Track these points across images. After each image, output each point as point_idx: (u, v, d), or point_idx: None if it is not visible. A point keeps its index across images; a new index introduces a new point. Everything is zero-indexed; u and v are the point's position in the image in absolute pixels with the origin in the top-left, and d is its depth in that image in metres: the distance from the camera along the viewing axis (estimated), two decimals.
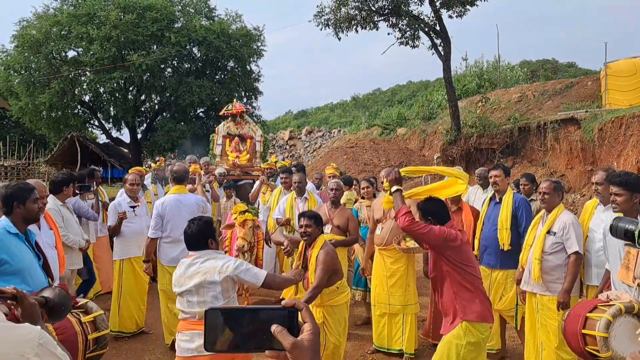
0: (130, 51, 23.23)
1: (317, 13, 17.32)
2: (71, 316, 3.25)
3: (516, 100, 20.02)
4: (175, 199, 6.11)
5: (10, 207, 3.73)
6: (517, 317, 5.58)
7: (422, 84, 52.58)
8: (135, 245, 6.47)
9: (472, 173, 16.33)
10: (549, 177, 5.35)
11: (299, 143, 31.37)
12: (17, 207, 3.72)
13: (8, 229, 3.62)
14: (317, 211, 6.48)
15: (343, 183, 8.41)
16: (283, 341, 1.14)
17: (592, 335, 3.28)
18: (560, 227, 4.81)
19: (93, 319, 3.29)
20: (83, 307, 3.36)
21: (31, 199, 3.78)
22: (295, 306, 1.19)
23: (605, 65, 15.23)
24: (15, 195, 3.76)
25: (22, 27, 23.71)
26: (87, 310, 3.36)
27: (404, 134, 23.87)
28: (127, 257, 6.40)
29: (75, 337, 3.16)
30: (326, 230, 6.30)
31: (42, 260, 3.73)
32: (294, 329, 1.18)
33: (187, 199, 6.23)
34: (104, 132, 26.90)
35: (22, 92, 23.39)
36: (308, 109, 66.51)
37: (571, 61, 47.35)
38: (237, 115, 11.46)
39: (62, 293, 2.20)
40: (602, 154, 12.58)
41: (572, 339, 3.46)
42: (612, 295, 3.48)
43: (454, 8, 16.69)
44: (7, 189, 3.84)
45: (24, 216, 3.73)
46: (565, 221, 4.81)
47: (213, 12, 26.74)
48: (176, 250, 5.97)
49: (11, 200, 3.74)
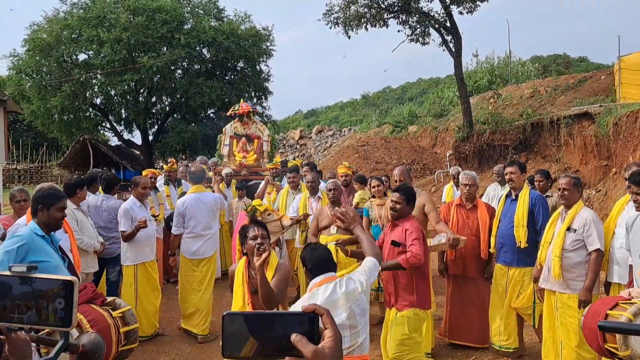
0: (140, 53, 23.32)
1: (326, 12, 17.25)
2: (102, 310, 3.28)
3: (528, 95, 19.84)
4: (195, 197, 6.75)
5: (36, 209, 3.77)
6: (535, 315, 5.50)
7: (432, 81, 52.48)
8: (148, 249, 6.44)
9: (485, 170, 16.26)
10: (567, 173, 5.25)
11: (309, 142, 31.35)
12: (41, 211, 3.75)
13: (35, 231, 3.65)
14: (319, 213, 6.45)
15: (356, 181, 8.36)
16: (303, 349, 1.10)
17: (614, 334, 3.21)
18: (580, 224, 4.73)
19: (122, 314, 3.33)
20: (111, 304, 3.38)
21: (56, 207, 3.80)
22: (315, 311, 1.14)
23: (618, 59, 15.05)
24: (42, 200, 3.78)
25: (32, 31, 23.91)
26: (115, 307, 3.39)
27: (416, 131, 23.76)
28: (142, 261, 6.36)
29: (108, 329, 3.21)
30: (332, 231, 6.24)
31: (67, 262, 3.78)
32: (315, 335, 1.13)
33: (206, 197, 6.85)
34: (116, 134, 27.07)
35: (33, 95, 23.57)
36: (318, 108, 66.60)
37: (583, 55, 46.99)
38: (244, 116, 11.43)
39: (96, 339, 2.12)
40: (617, 148, 12.41)
41: (591, 335, 3.40)
42: (634, 293, 3.40)
43: (464, 4, 16.56)
44: (39, 191, 3.88)
45: (45, 222, 3.75)
46: (586, 218, 4.72)
47: (222, 13, 26.80)
48: (197, 244, 6.70)
49: (37, 203, 3.77)
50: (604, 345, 3.25)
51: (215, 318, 6.74)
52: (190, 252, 6.69)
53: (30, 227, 3.71)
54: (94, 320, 3.18)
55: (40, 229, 3.70)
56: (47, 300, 1.55)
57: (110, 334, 3.25)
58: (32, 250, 3.50)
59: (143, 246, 6.33)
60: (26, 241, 3.52)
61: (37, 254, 3.49)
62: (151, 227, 6.49)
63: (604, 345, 3.25)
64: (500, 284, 5.72)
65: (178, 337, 6.64)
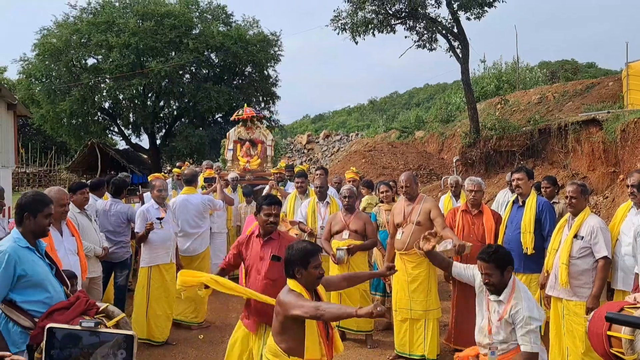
0: (149, 58, 23.46)
1: (333, 17, 17.28)
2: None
3: (536, 101, 19.80)
4: (184, 199, 7.34)
5: (21, 217, 3.52)
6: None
7: (439, 86, 52.48)
8: (163, 252, 6.43)
9: (492, 176, 16.23)
10: (573, 180, 5.24)
11: (316, 147, 31.38)
12: (27, 219, 3.51)
13: (19, 243, 3.43)
14: (332, 219, 6.51)
15: (364, 186, 8.38)
16: None
17: (618, 337, 3.22)
18: (588, 232, 4.73)
19: (116, 323, 3.32)
20: (104, 312, 3.38)
21: (43, 213, 3.56)
22: None
23: (626, 65, 15.02)
24: (28, 206, 3.53)
25: (42, 35, 24.13)
26: (108, 314, 3.38)
27: (422, 136, 23.75)
28: (155, 264, 6.37)
29: None
30: (344, 236, 6.29)
31: (54, 269, 3.62)
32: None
33: (194, 199, 7.39)
34: (124, 138, 27.22)
35: (43, 99, 23.76)
36: (325, 113, 66.81)
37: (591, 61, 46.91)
38: (248, 120, 11.48)
39: None
40: (624, 155, 12.36)
41: (597, 340, 3.40)
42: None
43: (471, 10, 16.55)
44: (23, 198, 3.62)
45: (32, 229, 3.52)
46: (593, 225, 4.73)
47: (230, 18, 26.94)
48: (187, 242, 7.29)
49: (23, 210, 3.52)
50: (609, 350, 3.25)
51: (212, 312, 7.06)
52: (181, 250, 7.14)
53: (12, 238, 3.47)
54: None
55: (24, 239, 3.46)
56: (111, 350, 1.89)
57: None
58: (18, 262, 3.33)
59: (157, 248, 6.34)
60: (9, 253, 3.32)
61: (23, 266, 3.34)
62: (168, 230, 6.48)
63: (610, 350, 3.25)
64: None
65: (184, 340, 6.67)
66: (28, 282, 3.33)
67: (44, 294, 3.37)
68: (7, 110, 15.16)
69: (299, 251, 3.51)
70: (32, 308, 3.32)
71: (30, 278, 3.34)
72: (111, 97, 24.15)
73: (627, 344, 3.11)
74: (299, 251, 3.51)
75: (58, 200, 4.41)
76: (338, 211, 6.68)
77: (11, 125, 15.59)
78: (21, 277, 3.32)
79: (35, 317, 3.28)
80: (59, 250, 4.33)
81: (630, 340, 3.10)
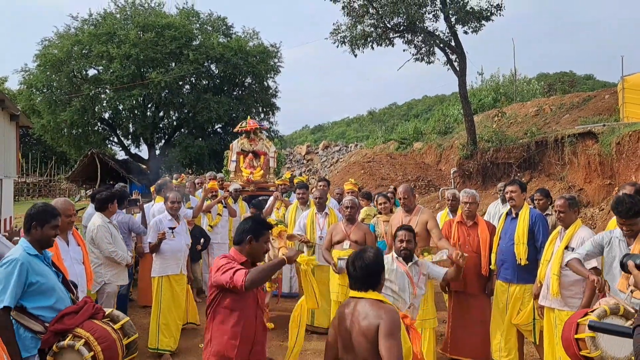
0: (149, 69, 23.64)
1: (333, 31, 17.53)
2: (106, 325, 3.42)
3: (533, 114, 20.01)
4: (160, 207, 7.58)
5: (30, 226, 3.65)
6: (535, 331, 5.59)
7: (437, 98, 52.70)
8: (174, 263, 6.51)
9: (489, 188, 16.37)
10: (563, 194, 5.36)
11: (316, 157, 31.52)
12: (35, 229, 3.64)
13: (28, 251, 3.55)
14: (333, 229, 6.63)
15: (362, 198, 8.51)
16: None
17: (584, 338, 3.39)
18: (578, 243, 4.84)
19: (122, 326, 3.47)
20: (109, 316, 3.53)
21: (50, 225, 3.69)
22: None
23: (622, 79, 15.22)
24: (37, 217, 3.67)
25: (44, 46, 24.30)
26: (113, 318, 3.53)
27: (421, 148, 23.92)
28: (166, 274, 6.45)
29: (114, 343, 3.37)
30: (345, 246, 6.40)
31: (61, 277, 3.75)
32: None
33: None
34: (123, 148, 27.31)
35: (44, 110, 23.91)
36: (324, 124, 66.97)
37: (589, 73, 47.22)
38: (251, 132, 11.61)
39: None
40: (620, 167, 12.53)
41: (568, 345, 3.58)
42: (603, 302, 3.60)
43: (469, 24, 16.79)
44: (33, 208, 3.76)
45: (38, 239, 3.64)
46: (584, 237, 4.83)
47: (230, 30, 27.14)
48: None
49: (32, 220, 3.66)
50: (579, 353, 3.45)
51: None
52: None
53: (22, 247, 3.58)
54: (101, 337, 3.34)
55: (33, 248, 3.60)
56: None
57: (117, 348, 3.41)
58: (30, 270, 3.46)
59: (167, 259, 6.43)
60: (22, 261, 3.44)
61: (34, 273, 3.47)
62: (179, 242, 6.56)
63: (579, 353, 3.45)
64: (501, 300, 5.83)
65: (185, 349, 6.76)
66: (38, 289, 3.47)
67: (53, 299, 3.51)
68: (10, 121, 15.29)
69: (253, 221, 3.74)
70: (41, 313, 3.45)
71: (40, 285, 3.48)
72: (111, 107, 24.29)
73: (590, 341, 3.36)
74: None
75: (64, 211, 4.53)
76: (340, 222, 6.79)
77: (14, 136, 15.72)
78: (32, 285, 3.45)
79: (46, 322, 3.41)
80: (65, 260, 4.44)
81: (592, 338, 3.37)
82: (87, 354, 3.24)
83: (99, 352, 3.27)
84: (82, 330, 3.33)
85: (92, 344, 3.27)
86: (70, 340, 3.29)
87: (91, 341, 3.27)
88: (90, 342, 3.27)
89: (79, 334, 3.31)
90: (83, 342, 3.26)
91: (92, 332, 3.33)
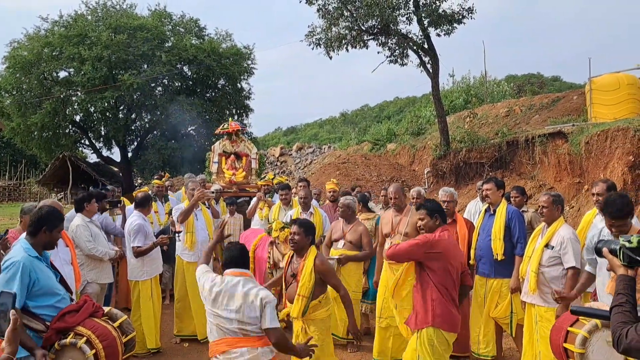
0: (121, 71, 23.37)
1: (308, 33, 17.61)
2: (105, 323, 3.48)
3: (504, 114, 20.39)
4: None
5: (38, 230, 3.63)
6: (513, 324, 5.79)
7: (409, 100, 53.22)
8: (160, 262, 6.72)
9: (462, 187, 16.66)
10: (547, 191, 5.54)
11: (289, 159, 31.57)
12: (44, 232, 3.63)
13: (29, 253, 3.56)
14: (334, 226, 6.79)
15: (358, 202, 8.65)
16: None
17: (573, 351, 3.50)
18: (558, 242, 5.01)
19: (120, 324, 3.54)
20: (108, 314, 3.59)
21: (58, 229, 3.73)
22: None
23: (589, 80, 15.62)
24: (48, 220, 3.66)
25: (13, 48, 23.84)
26: (111, 317, 3.60)
27: (394, 149, 24.15)
28: (156, 274, 6.63)
29: (115, 341, 3.44)
30: (339, 245, 6.56)
31: (59, 277, 3.81)
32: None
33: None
34: (95, 151, 26.94)
35: (13, 112, 23.45)
36: (297, 125, 67.05)
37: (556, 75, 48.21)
38: (233, 134, 11.67)
39: None
40: (589, 166, 12.89)
41: (556, 350, 3.71)
42: (595, 305, 3.71)
43: (441, 26, 17.05)
44: (41, 211, 3.73)
45: (45, 243, 3.66)
46: (564, 236, 5.00)
47: (203, 32, 27.00)
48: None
49: (43, 223, 3.64)
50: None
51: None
52: None
53: (23, 248, 3.58)
54: (102, 335, 3.42)
55: (33, 249, 3.60)
56: None
57: (117, 345, 3.49)
58: (32, 271, 3.49)
59: (155, 259, 6.55)
60: (24, 263, 3.46)
61: (36, 274, 3.51)
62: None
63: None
64: (479, 294, 6.01)
65: (170, 350, 6.81)
66: (40, 289, 3.52)
67: (54, 298, 3.56)
68: None
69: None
70: (43, 312, 3.50)
71: (41, 286, 3.53)
72: (83, 110, 23.91)
73: (578, 357, 3.43)
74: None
75: None
76: (340, 220, 6.92)
77: None
78: (35, 285, 3.50)
79: (47, 320, 3.46)
80: (55, 261, 4.43)
81: (581, 354, 3.41)
82: (89, 351, 3.30)
83: (101, 350, 3.33)
84: (83, 328, 3.39)
85: (94, 342, 3.33)
86: (72, 338, 3.35)
87: (92, 339, 3.33)
88: (92, 340, 3.33)
89: (80, 332, 3.37)
90: (85, 340, 3.33)
91: (93, 330, 3.39)
